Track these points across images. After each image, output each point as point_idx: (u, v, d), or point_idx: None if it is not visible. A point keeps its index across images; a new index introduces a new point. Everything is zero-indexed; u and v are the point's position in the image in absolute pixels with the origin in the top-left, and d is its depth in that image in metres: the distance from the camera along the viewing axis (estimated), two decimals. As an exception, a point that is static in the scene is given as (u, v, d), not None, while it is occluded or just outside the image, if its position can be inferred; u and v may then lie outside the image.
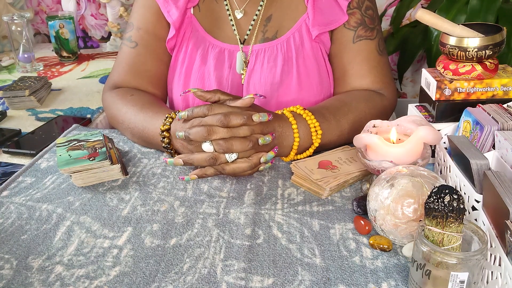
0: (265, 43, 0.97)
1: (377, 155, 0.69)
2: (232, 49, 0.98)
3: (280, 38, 0.97)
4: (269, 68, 0.95)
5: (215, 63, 0.97)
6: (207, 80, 0.97)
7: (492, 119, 0.68)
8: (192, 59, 0.98)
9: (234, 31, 0.98)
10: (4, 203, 0.75)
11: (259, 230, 0.67)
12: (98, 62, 1.72)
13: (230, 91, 0.96)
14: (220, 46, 0.98)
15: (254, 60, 0.97)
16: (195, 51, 0.98)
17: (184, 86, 0.99)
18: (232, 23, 0.99)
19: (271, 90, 0.96)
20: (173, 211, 0.72)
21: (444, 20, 0.77)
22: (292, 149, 0.83)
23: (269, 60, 0.96)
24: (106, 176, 0.80)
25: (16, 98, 1.22)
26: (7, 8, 1.79)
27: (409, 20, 2.13)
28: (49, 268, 0.61)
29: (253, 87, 0.96)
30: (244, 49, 0.98)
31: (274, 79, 0.95)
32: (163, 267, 0.60)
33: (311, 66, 0.96)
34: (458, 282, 0.50)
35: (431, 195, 0.52)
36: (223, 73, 0.97)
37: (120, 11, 1.90)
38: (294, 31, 0.96)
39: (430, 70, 0.81)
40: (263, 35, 0.98)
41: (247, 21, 0.99)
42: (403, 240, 0.62)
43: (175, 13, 0.96)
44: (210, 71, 0.97)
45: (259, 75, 0.96)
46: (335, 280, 0.57)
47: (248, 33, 0.98)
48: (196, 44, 0.99)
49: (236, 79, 0.98)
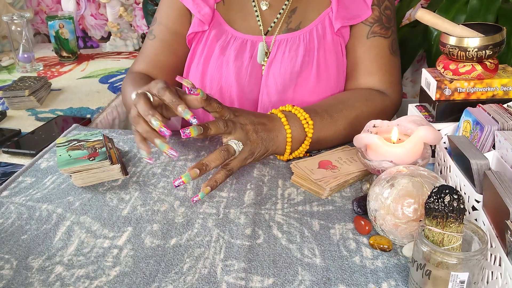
0: (288, 33, 0.99)
1: (377, 155, 0.69)
2: (254, 40, 1.00)
3: (303, 29, 0.99)
4: (290, 58, 0.97)
5: (235, 53, 0.99)
6: (225, 69, 0.99)
7: (492, 119, 0.68)
8: (211, 49, 1.01)
9: (259, 22, 1.01)
10: (4, 203, 0.75)
11: (259, 230, 0.67)
12: (98, 62, 1.72)
13: (248, 80, 0.98)
14: (243, 37, 1.00)
15: (276, 49, 0.99)
16: (215, 43, 1.01)
17: (202, 75, 1.01)
18: (257, 14, 1.01)
19: (290, 79, 0.97)
20: (173, 211, 0.72)
21: (444, 20, 0.77)
22: (286, 143, 0.82)
23: (290, 49, 0.98)
24: (106, 176, 0.80)
25: (16, 98, 1.22)
26: (7, 8, 1.79)
27: (409, 20, 2.13)
28: (49, 268, 0.61)
29: (273, 75, 0.98)
30: (266, 40, 1.00)
31: (294, 68, 0.97)
32: (163, 267, 0.60)
33: (331, 59, 0.98)
34: (458, 282, 0.50)
35: (431, 195, 0.52)
36: (243, 63, 0.99)
37: (120, 11, 1.90)
38: (317, 23, 0.98)
39: (430, 70, 0.81)
40: (287, 26, 1.00)
41: (273, 13, 1.01)
42: (403, 240, 0.62)
43: (208, 12, 1.00)
44: (229, 61, 0.99)
45: (279, 64, 0.98)
46: (335, 280, 0.57)
47: (273, 25, 1.00)
48: (217, 36, 1.01)
49: (256, 69, 0.99)
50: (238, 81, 0.98)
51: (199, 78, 1.02)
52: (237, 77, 0.98)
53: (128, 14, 1.93)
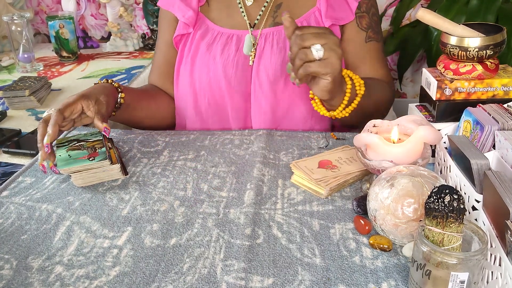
0: (274, 27, 1.03)
1: (377, 155, 0.69)
2: (240, 34, 1.03)
3: None
4: (278, 49, 1.01)
5: (222, 47, 1.02)
6: (212, 64, 1.02)
7: (493, 119, 0.68)
8: (197, 48, 1.04)
9: (244, 17, 1.04)
10: (4, 203, 0.75)
11: (259, 230, 0.67)
12: (98, 62, 1.72)
13: (235, 71, 1.02)
14: (228, 32, 1.04)
15: (263, 42, 1.02)
16: (200, 41, 1.04)
17: (190, 72, 1.05)
18: (242, 10, 1.04)
19: (281, 70, 1.01)
20: (173, 211, 0.72)
21: (445, 20, 0.77)
22: (345, 94, 0.85)
23: (278, 42, 1.02)
24: (106, 176, 0.80)
25: (16, 98, 1.22)
26: (7, 8, 1.79)
27: (409, 20, 2.13)
28: (49, 268, 0.61)
29: (264, 67, 1.01)
30: (253, 33, 1.03)
31: (284, 59, 1.00)
32: (163, 267, 0.60)
33: None
34: (458, 282, 0.50)
35: (431, 195, 0.51)
36: (229, 55, 1.02)
37: (120, 11, 1.90)
38: (302, 20, 1.02)
39: (430, 70, 0.81)
40: (273, 20, 1.03)
41: (257, 7, 1.04)
42: (403, 240, 0.62)
43: (191, 15, 1.04)
44: (215, 55, 1.02)
45: (269, 56, 1.01)
46: (335, 280, 0.57)
47: (259, 18, 1.04)
48: (202, 35, 1.04)
49: (242, 60, 1.02)
50: (225, 73, 1.01)
51: (187, 76, 1.05)
52: (224, 69, 1.01)
53: (128, 14, 1.93)
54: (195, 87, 1.05)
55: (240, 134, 0.97)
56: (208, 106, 1.05)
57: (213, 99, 1.04)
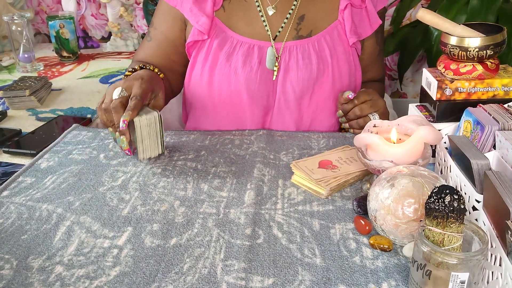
0: (298, 40, 1.01)
1: (377, 155, 0.69)
2: (262, 45, 1.00)
3: (312, 37, 1.02)
4: (305, 65, 1.00)
5: (243, 58, 0.99)
6: (233, 76, 0.99)
7: (493, 119, 0.68)
8: (215, 58, 1.00)
9: (266, 27, 1.01)
10: (4, 203, 0.75)
11: (259, 230, 0.67)
12: (99, 62, 1.72)
13: (259, 86, 1.00)
14: (249, 42, 1.00)
15: (287, 56, 1.00)
16: (219, 51, 1.00)
17: (209, 84, 1.01)
18: (263, 19, 1.01)
19: (308, 86, 1.00)
20: (173, 211, 0.72)
21: (445, 20, 0.77)
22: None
23: (303, 56, 1.00)
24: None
25: (16, 98, 1.22)
26: (7, 8, 1.79)
27: (409, 20, 2.12)
28: (49, 268, 0.61)
29: (290, 83, 1.00)
30: (275, 45, 1.00)
31: (311, 75, 1.00)
32: (163, 267, 0.60)
33: (344, 67, 1.03)
34: (459, 283, 0.50)
35: (431, 195, 0.51)
36: (252, 68, 0.99)
37: (120, 11, 1.90)
38: (325, 34, 1.02)
39: (431, 70, 0.81)
40: (297, 32, 1.02)
41: (279, 18, 1.02)
42: (404, 240, 0.62)
43: (205, 22, 0.99)
44: (237, 67, 0.99)
45: (295, 71, 1.00)
46: (336, 280, 0.57)
47: (281, 30, 1.01)
48: (220, 44, 1.00)
49: (266, 74, 1.00)
50: (248, 87, 0.99)
51: (206, 86, 1.01)
52: (246, 83, 0.99)
53: (129, 14, 1.93)
54: (214, 99, 1.02)
55: (240, 134, 0.97)
56: (226, 115, 1.03)
57: (232, 111, 1.02)
